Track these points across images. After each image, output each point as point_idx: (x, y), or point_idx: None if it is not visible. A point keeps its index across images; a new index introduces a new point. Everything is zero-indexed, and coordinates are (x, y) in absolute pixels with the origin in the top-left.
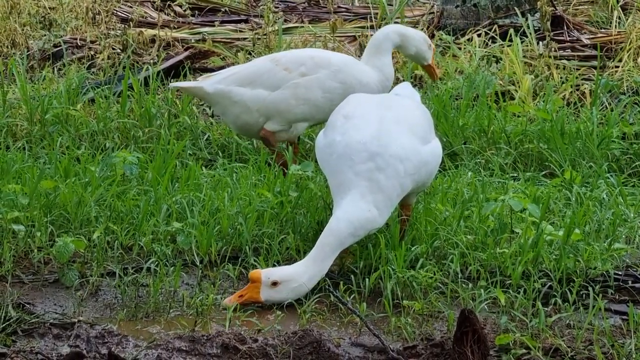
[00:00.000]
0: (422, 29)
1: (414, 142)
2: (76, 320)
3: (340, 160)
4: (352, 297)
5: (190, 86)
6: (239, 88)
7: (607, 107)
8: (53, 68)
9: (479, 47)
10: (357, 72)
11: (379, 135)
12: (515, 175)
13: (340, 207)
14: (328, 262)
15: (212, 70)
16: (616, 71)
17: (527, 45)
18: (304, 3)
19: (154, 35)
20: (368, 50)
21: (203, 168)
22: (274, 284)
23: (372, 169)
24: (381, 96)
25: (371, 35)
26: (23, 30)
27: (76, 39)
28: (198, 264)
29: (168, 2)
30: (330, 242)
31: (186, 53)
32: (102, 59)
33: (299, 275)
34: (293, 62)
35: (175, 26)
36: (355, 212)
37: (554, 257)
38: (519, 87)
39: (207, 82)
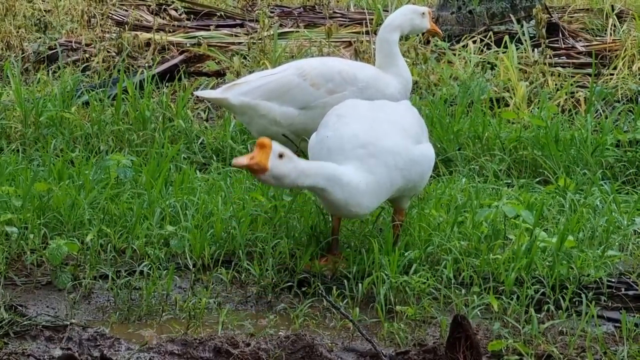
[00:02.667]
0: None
1: (406, 139)
2: (68, 322)
3: (331, 152)
4: (345, 302)
5: (214, 97)
6: (265, 102)
7: (601, 115)
8: (48, 71)
9: (474, 53)
10: (382, 85)
11: (371, 130)
12: (509, 181)
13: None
14: (307, 178)
15: (207, 74)
16: (611, 79)
17: (522, 52)
18: (299, 8)
19: (149, 39)
20: (379, 56)
21: (197, 172)
22: (281, 155)
23: (364, 154)
24: (375, 102)
25: (367, 41)
26: (18, 32)
27: (71, 41)
28: (191, 267)
29: (164, 6)
30: (315, 167)
31: (181, 57)
32: (97, 62)
33: (299, 162)
34: (321, 76)
35: (171, 30)
36: (346, 171)
37: (547, 263)
38: (514, 93)
39: (231, 93)
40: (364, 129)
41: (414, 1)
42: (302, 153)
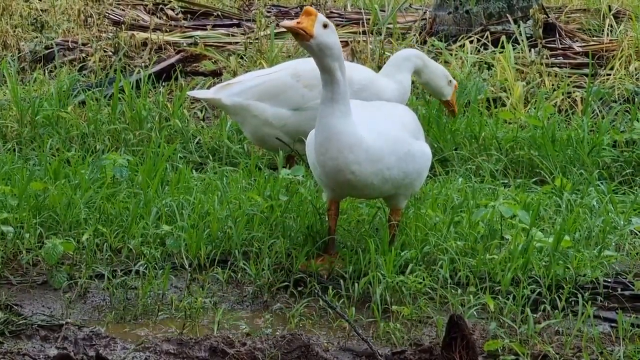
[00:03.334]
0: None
1: (405, 133)
2: (64, 322)
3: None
4: (341, 301)
5: (207, 97)
6: (258, 103)
7: (598, 115)
8: (44, 70)
9: (471, 53)
10: (378, 88)
11: (371, 120)
12: (505, 181)
13: None
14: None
15: (203, 74)
16: (608, 79)
17: (519, 52)
18: (296, 8)
19: (146, 39)
20: (387, 66)
21: (193, 171)
22: (325, 25)
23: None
24: (374, 103)
25: (363, 41)
26: (15, 32)
27: (68, 41)
28: (187, 267)
29: (160, 6)
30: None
31: (178, 56)
32: (94, 62)
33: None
34: (314, 77)
35: (168, 30)
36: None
37: (543, 263)
38: (511, 93)
39: (224, 94)
40: (363, 121)
41: (411, 2)
42: (298, 154)
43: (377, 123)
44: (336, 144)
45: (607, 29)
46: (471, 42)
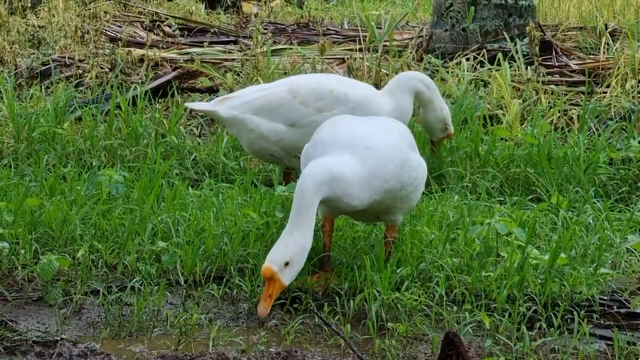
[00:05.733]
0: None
1: (402, 143)
2: (59, 338)
3: (325, 147)
4: (336, 318)
5: (204, 109)
6: (254, 117)
7: (594, 133)
8: (41, 86)
9: (468, 71)
10: (375, 107)
11: (366, 129)
12: (501, 199)
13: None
14: (312, 215)
15: (200, 90)
16: (604, 97)
17: (516, 70)
18: (293, 25)
19: (143, 55)
20: (390, 84)
21: (189, 188)
22: (286, 264)
23: (359, 145)
24: (369, 117)
25: (360, 58)
26: (12, 48)
27: (64, 57)
28: (182, 283)
29: (157, 22)
30: (307, 187)
31: (174, 73)
32: (90, 78)
33: (295, 244)
34: (312, 94)
35: (164, 46)
36: (335, 159)
37: (539, 281)
38: (507, 111)
39: (222, 107)
40: (358, 129)
41: (407, 20)
42: (294, 170)
43: (373, 135)
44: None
45: (604, 46)
46: (467, 59)
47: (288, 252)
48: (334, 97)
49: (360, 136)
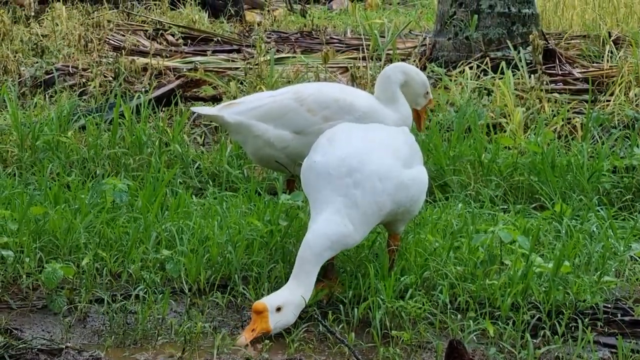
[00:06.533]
0: (414, 61)
1: (395, 163)
2: (64, 346)
3: (319, 179)
4: (340, 326)
5: (210, 113)
6: (260, 123)
7: (598, 141)
8: (44, 95)
9: (471, 79)
10: (380, 117)
11: (359, 152)
12: (505, 207)
13: (316, 221)
14: (312, 278)
15: (203, 99)
16: (607, 105)
17: (519, 78)
18: (296, 34)
19: (146, 64)
20: (377, 91)
21: (193, 196)
22: (279, 309)
23: (349, 184)
24: (369, 124)
25: (363, 67)
26: (15, 57)
27: (68, 66)
28: (187, 291)
29: (161, 31)
30: (308, 257)
31: (178, 82)
32: (94, 87)
33: (292, 296)
34: (317, 103)
35: (168, 55)
36: (331, 226)
37: (543, 289)
38: (510, 119)
39: (227, 112)
40: (351, 154)
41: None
42: (297, 178)
43: (362, 168)
44: None
45: (607, 55)
46: (471, 68)
47: (283, 300)
48: (340, 107)
49: (349, 170)
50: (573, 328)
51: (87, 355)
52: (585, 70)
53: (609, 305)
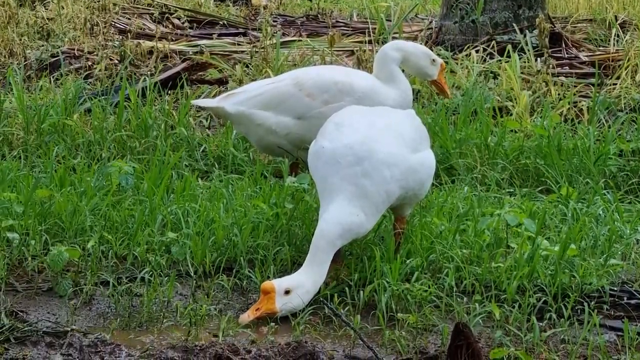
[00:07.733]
0: (420, 44)
1: (402, 149)
2: (69, 329)
3: (327, 166)
4: (346, 309)
5: (211, 105)
6: (261, 112)
7: (604, 124)
8: (50, 78)
9: (477, 63)
10: (381, 96)
11: (367, 140)
12: (511, 190)
13: (328, 210)
14: (325, 266)
15: (209, 82)
16: (614, 88)
17: (525, 62)
18: (302, 17)
19: (152, 47)
20: (376, 70)
21: (199, 179)
22: (287, 292)
23: (358, 173)
24: (375, 108)
25: (369, 50)
26: (21, 40)
27: (74, 49)
28: (192, 274)
29: (166, 15)
30: (322, 245)
31: (183, 65)
32: (100, 70)
33: (304, 281)
34: (316, 87)
35: (173, 38)
36: (343, 215)
37: (549, 272)
38: (517, 103)
39: (228, 102)
40: (359, 139)
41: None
42: (302, 162)
43: (370, 156)
44: None
45: (614, 38)
46: (477, 51)
47: (294, 283)
48: (339, 89)
49: (358, 159)
50: (579, 311)
51: (92, 338)
52: (591, 53)
53: (615, 289)
